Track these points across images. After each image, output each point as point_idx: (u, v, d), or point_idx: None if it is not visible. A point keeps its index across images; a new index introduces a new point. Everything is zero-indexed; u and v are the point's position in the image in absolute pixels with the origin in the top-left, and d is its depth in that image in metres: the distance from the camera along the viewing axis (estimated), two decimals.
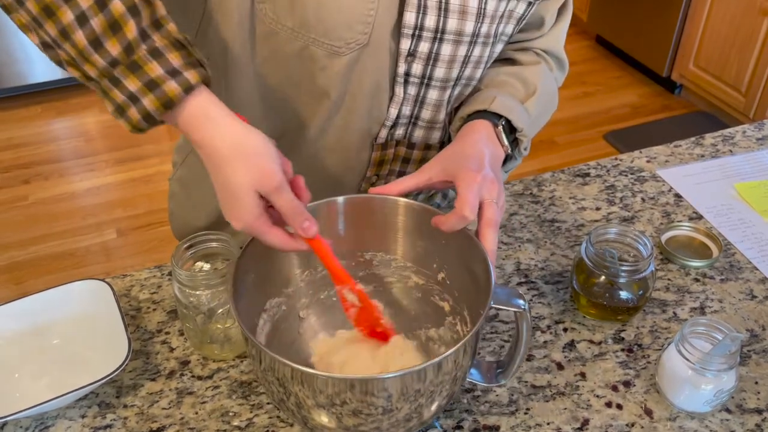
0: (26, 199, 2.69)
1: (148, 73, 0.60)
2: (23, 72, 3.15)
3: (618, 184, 1.12)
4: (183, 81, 0.60)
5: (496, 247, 0.71)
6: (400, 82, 0.83)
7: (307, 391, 0.60)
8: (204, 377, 0.80)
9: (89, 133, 3.06)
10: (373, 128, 0.87)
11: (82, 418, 0.76)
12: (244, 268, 0.68)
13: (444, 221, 0.71)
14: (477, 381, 0.72)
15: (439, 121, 0.89)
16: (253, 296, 0.71)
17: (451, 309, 0.77)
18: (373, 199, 0.76)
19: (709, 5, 2.99)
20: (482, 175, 0.73)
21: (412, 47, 0.80)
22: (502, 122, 0.82)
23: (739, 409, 0.77)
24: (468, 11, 0.79)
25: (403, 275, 0.80)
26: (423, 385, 0.60)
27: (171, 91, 0.60)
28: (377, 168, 0.92)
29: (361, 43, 0.78)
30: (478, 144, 0.78)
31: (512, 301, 0.66)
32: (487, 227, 0.71)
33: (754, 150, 1.21)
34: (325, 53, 0.78)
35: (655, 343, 0.85)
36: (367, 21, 0.76)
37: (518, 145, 0.85)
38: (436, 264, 0.77)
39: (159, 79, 0.60)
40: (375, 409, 0.60)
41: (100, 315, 0.81)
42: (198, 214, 1.01)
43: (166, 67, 0.60)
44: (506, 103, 0.83)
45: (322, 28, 0.76)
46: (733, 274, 0.95)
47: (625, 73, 3.58)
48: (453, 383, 0.64)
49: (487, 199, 0.72)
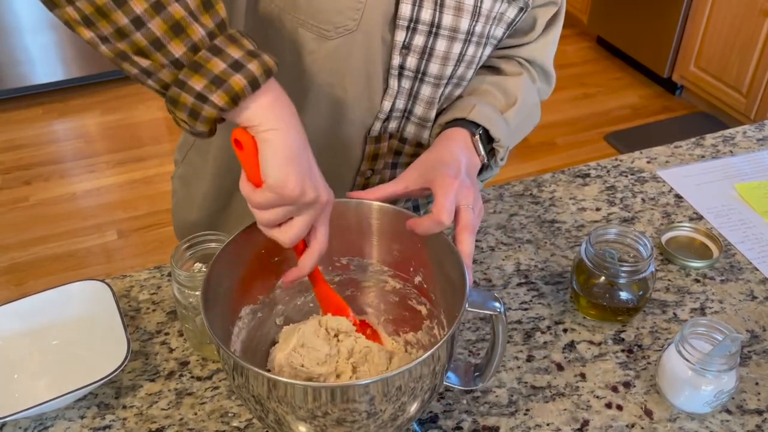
0: (27, 200, 2.69)
1: (212, 70, 0.59)
2: (24, 73, 3.15)
3: (618, 185, 1.12)
4: (265, 63, 0.60)
5: (472, 251, 0.72)
6: (395, 74, 0.83)
7: (285, 407, 0.58)
8: (203, 378, 0.80)
9: (90, 135, 3.06)
10: (366, 120, 0.88)
11: (81, 418, 0.76)
12: (217, 275, 0.67)
13: (419, 224, 0.71)
14: (455, 385, 0.72)
15: (430, 119, 0.89)
16: (226, 304, 0.70)
17: (429, 312, 0.77)
18: (348, 203, 0.75)
19: (709, 6, 2.99)
20: (459, 182, 0.74)
21: (407, 40, 0.80)
22: (479, 131, 0.83)
23: (740, 410, 0.77)
24: (463, 8, 0.79)
25: (380, 279, 0.79)
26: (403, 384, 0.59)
27: (236, 84, 0.59)
28: (372, 162, 0.93)
29: (350, 28, 0.78)
30: (454, 151, 0.79)
31: (488, 304, 0.65)
32: (463, 231, 0.72)
33: (755, 150, 1.21)
34: (314, 36, 0.79)
35: (655, 344, 0.85)
36: (357, 7, 0.77)
37: (495, 155, 0.86)
38: (412, 268, 0.77)
39: (223, 74, 0.59)
40: (359, 414, 0.59)
41: (100, 316, 0.81)
42: (195, 209, 1.02)
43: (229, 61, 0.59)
44: (485, 112, 0.84)
45: (312, 10, 0.77)
46: (734, 274, 0.95)
47: (626, 74, 3.58)
48: (432, 378, 0.63)
49: (464, 204, 0.73)
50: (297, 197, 0.62)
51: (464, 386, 0.72)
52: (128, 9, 0.55)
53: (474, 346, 0.84)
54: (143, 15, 0.56)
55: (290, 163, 0.61)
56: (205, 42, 0.58)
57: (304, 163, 0.63)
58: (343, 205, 0.75)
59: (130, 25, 0.56)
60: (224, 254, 0.68)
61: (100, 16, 0.56)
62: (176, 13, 0.57)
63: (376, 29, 0.79)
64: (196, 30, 0.58)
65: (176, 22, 0.57)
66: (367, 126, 0.88)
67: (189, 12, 0.57)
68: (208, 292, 0.64)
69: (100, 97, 3.29)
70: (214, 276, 0.66)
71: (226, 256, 0.68)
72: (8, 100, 3.24)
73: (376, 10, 0.78)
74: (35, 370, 0.80)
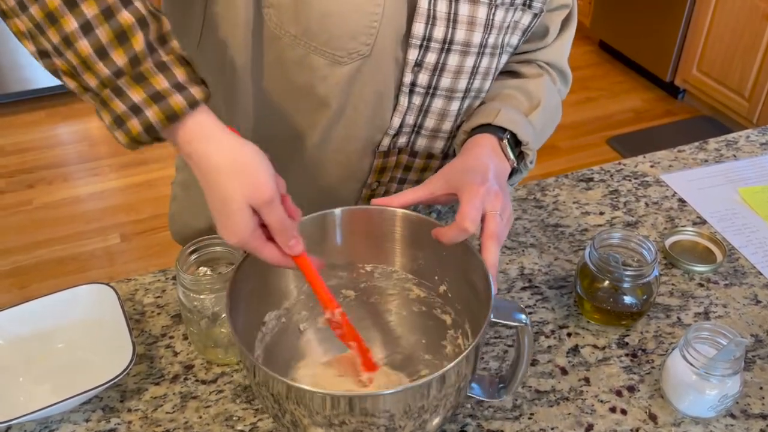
0: (30, 204, 2.70)
1: (154, 86, 0.60)
2: (27, 77, 3.16)
3: (622, 189, 1.12)
4: (188, 96, 0.61)
5: (497, 260, 0.70)
6: (405, 92, 0.83)
7: (303, 410, 0.59)
8: (208, 381, 0.80)
9: (93, 138, 3.07)
10: (375, 136, 0.87)
11: (86, 422, 0.76)
12: (242, 281, 0.68)
13: (444, 233, 0.70)
14: (478, 396, 0.72)
15: (442, 130, 0.89)
16: (251, 310, 0.71)
17: (453, 322, 0.76)
18: (371, 210, 0.75)
19: (712, 10, 2.99)
20: (485, 188, 0.72)
21: (420, 58, 0.80)
22: (507, 136, 0.82)
23: (744, 415, 0.77)
24: (476, 22, 0.79)
25: (405, 287, 0.79)
26: (426, 401, 0.59)
27: (176, 105, 0.60)
28: (378, 175, 0.92)
29: (363, 54, 0.78)
30: (482, 157, 0.78)
31: (513, 315, 0.65)
32: (489, 240, 0.71)
33: (758, 155, 1.21)
34: (327, 62, 0.78)
35: (660, 348, 0.85)
36: (371, 33, 0.76)
37: (524, 159, 0.85)
38: (437, 276, 0.76)
39: (165, 92, 0.60)
40: (377, 428, 0.59)
41: (105, 319, 0.81)
42: (199, 216, 1.02)
43: (172, 81, 0.60)
44: (511, 116, 0.83)
45: (325, 37, 0.76)
46: (738, 279, 0.95)
47: (629, 78, 3.58)
48: (457, 395, 0.64)
49: (490, 211, 0.72)
50: (238, 241, 0.63)
51: (488, 398, 0.73)
52: (79, 12, 0.58)
53: None
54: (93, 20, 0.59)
55: (217, 220, 0.63)
56: (147, 56, 0.61)
57: (216, 207, 0.63)
58: (366, 213, 0.75)
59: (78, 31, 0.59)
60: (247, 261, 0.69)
61: (50, 23, 0.58)
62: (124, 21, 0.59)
63: (388, 50, 0.79)
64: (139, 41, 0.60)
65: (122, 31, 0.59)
66: (375, 141, 0.88)
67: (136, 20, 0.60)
68: (233, 298, 0.65)
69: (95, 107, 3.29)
70: (238, 282, 0.67)
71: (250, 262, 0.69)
72: (12, 104, 3.25)
73: (389, 33, 0.77)
74: (40, 373, 0.80)
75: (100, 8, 0.58)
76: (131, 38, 0.59)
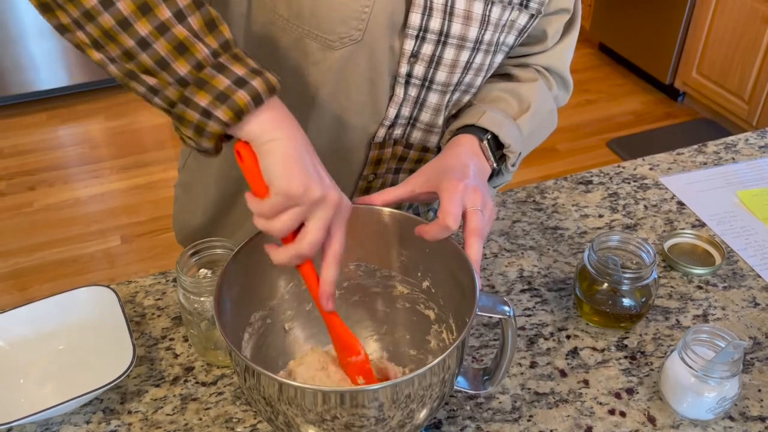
0: (31, 206, 2.70)
1: (237, 71, 0.61)
2: (29, 79, 3.17)
3: (621, 192, 1.12)
4: (268, 81, 0.62)
5: (480, 256, 0.71)
6: (401, 82, 0.84)
7: (295, 409, 0.59)
8: (208, 383, 0.80)
9: (94, 140, 3.08)
10: (370, 127, 0.88)
11: (86, 423, 0.76)
12: (228, 282, 0.68)
13: (427, 231, 0.71)
14: (464, 389, 0.72)
15: (437, 125, 0.90)
16: (237, 310, 0.71)
17: (437, 317, 0.77)
18: (357, 209, 0.75)
19: (712, 13, 2.99)
20: (464, 184, 0.73)
21: (416, 48, 0.81)
22: (487, 137, 0.83)
23: (742, 417, 0.77)
24: (472, 17, 0.80)
25: (388, 285, 0.80)
26: (412, 390, 0.60)
27: (263, 85, 0.61)
28: (374, 167, 0.93)
29: (354, 39, 0.79)
30: (461, 157, 0.79)
31: (498, 308, 0.66)
32: (471, 236, 0.71)
33: (757, 158, 1.21)
34: (319, 46, 0.79)
35: (658, 351, 0.85)
36: (362, 18, 0.77)
37: (506, 161, 0.86)
38: (420, 273, 0.77)
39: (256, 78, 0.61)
40: (367, 420, 0.60)
41: (105, 321, 0.82)
42: (196, 215, 1.02)
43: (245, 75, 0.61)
44: (495, 118, 0.84)
45: (316, 21, 0.77)
46: (736, 281, 0.95)
47: (628, 81, 3.58)
48: (442, 386, 0.64)
49: (471, 207, 0.72)
50: (302, 194, 0.61)
51: (473, 389, 0.73)
52: (133, 31, 0.59)
53: (478, 352, 0.85)
54: (148, 37, 0.59)
55: (292, 165, 0.61)
56: (209, 60, 0.60)
57: (308, 164, 0.63)
58: (354, 210, 0.76)
59: (136, 47, 0.59)
60: (235, 260, 0.69)
61: (108, 39, 0.59)
62: (180, 34, 0.59)
63: (382, 38, 0.80)
64: (200, 49, 0.60)
65: (180, 42, 0.59)
66: (371, 132, 0.89)
67: (192, 33, 0.60)
68: (221, 299, 0.65)
69: (104, 103, 3.30)
70: (226, 282, 0.67)
71: (237, 262, 0.69)
72: (13, 106, 3.26)
73: (381, 19, 0.78)
74: (41, 375, 0.80)
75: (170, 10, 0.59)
76: None
